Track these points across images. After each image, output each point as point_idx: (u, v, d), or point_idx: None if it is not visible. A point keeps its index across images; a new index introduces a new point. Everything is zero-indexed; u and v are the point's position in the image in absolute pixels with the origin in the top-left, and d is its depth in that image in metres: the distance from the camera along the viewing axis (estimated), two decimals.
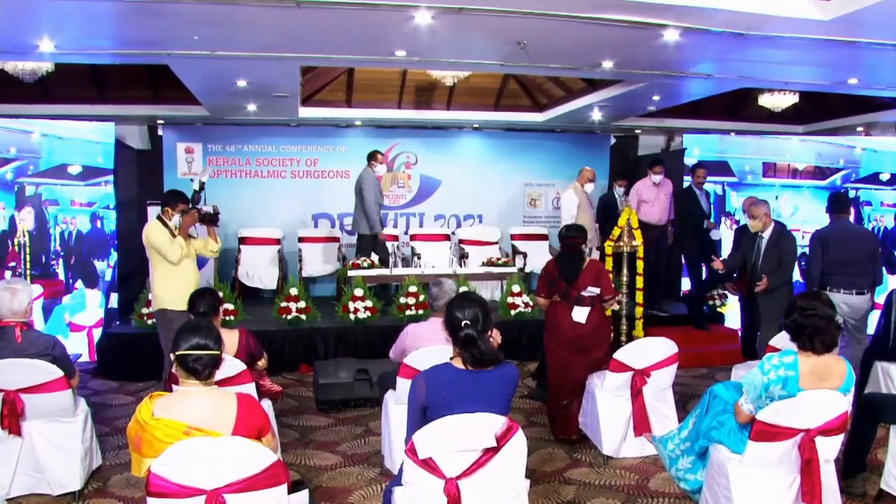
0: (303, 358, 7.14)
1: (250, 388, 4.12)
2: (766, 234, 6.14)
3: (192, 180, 5.86)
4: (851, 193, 9.54)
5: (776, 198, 10.06)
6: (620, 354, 4.76)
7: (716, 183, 8.93)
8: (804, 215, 9.20)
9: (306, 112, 8.93)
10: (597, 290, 5.20)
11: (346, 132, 10.10)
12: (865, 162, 9.53)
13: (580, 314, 5.21)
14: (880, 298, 5.68)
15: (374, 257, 8.25)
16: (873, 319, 5.82)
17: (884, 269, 6.77)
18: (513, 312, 7.71)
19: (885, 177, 9.62)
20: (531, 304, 7.75)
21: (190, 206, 5.57)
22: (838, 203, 6.15)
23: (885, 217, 9.61)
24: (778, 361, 3.37)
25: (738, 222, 8.76)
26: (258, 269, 9.08)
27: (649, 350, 4.82)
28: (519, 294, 7.81)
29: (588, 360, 5.17)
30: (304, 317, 7.27)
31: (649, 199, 8.31)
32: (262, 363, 4.59)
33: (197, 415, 2.77)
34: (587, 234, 5.57)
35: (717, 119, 9.89)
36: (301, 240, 9.56)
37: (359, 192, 8.45)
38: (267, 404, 4.48)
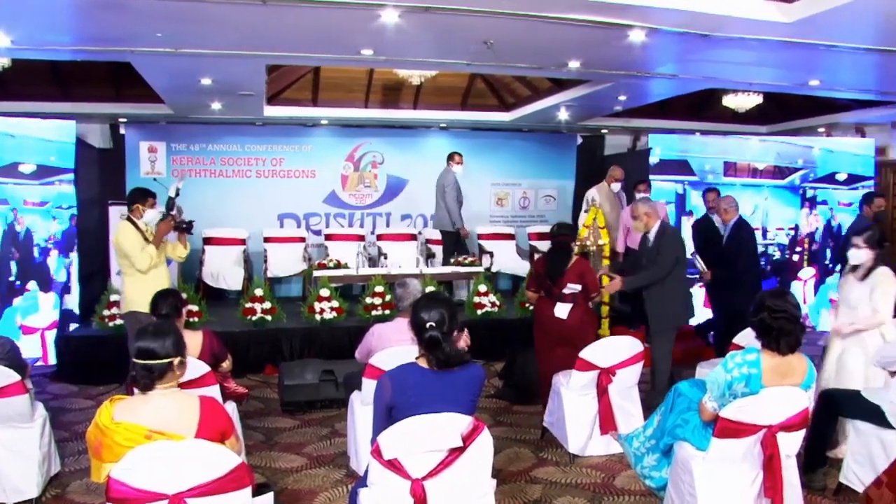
0: (268, 359, 7.06)
1: (214, 391, 4.06)
2: (726, 230, 6.24)
3: (166, 188, 5.75)
4: (809, 193, 9.68)
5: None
6: (586, 353, 4.75)
7: (676, 182, 8.99)
8: (763, 214, 9.33)
9: (272, 111, 8.87)
10: (577, 288, 5.27)
11: (311, 131, 10.05)
12: (822, 162, 9.69)
13: (562, 310, 5.29)
14: None
15: (359, 258, 8.29)
16: None
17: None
18: (479, 312, 7.70)
19: (841, 177, 9.78)
20: (498, 303, 7.76)
21: (165, 212, 5.45)
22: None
23: (841, 216, 9.78)
24: (741, 359, 3.38)
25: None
26: (223, 270, 8.97)
27: (615, 349, 4.81)
28: (485, 294, 7.79)
29: (573, 353, 5.16)
30: (269, 318, 7.20)
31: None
32: (226, 365, 4.52)
33: (158, 418, 2.72)
34: (576, 232, 5.59)
35: (682, 119, 10.04)
36: (266, 240, 9.49)
37: (441, 192, 8.68)
38: (231, 406, 4.41)
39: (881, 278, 4.54)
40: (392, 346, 4.17)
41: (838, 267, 9.25)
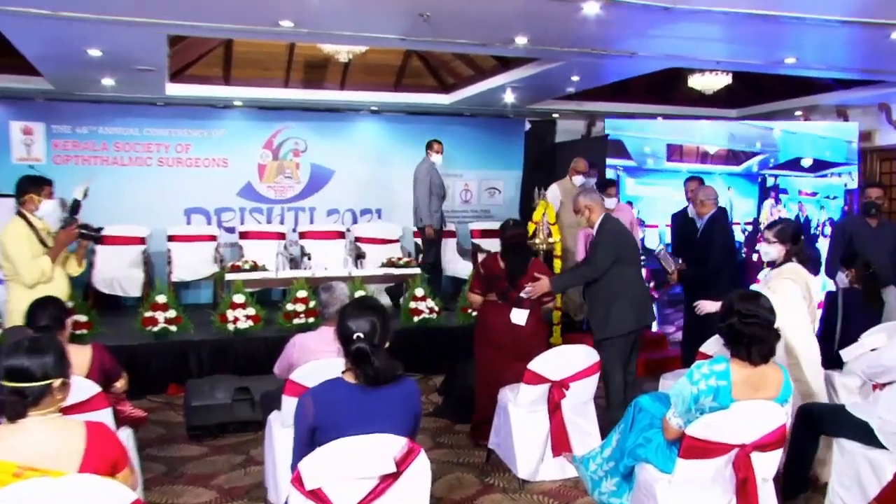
0: (172, 377, 6.95)
1: (105, 415, 3.93)
2: (701, 223, 6.34)
3: (74, 190, 5.51)
4: (769, 181, 9.57)
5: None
6: (535, 364, 4.76)
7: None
8: (728, 206, 9.34)
9: (176, 89, 8.74)
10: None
11: (223, 114, 9.97)
12: (784, 145, 9.58)
13: (519, 316, 5.31)
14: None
15: (279, 259, 8.25)
16: None
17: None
18: (416, 319, 7.70)
19: (806, 162, 9.56)
20: (437, 309, 7.74)
21: (69, 217, 5.24)
22: None
23: (805, 207, 9.61)
24: (708, 370, 3.41)
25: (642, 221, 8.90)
26: (118, 274, 8.79)
27: (568, 359, 4.83)
28: (423, 298, 7.79)
29: (524, 367, 5.22)
30: (173, 328, 7.07)
31: None
32: (120, 384, 4.40)
33: (32, 451, 2.57)
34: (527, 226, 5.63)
35: (643, 102, 10.24)
36: (171, 238, 9.37)
37: (413, 184, 8.86)
38: (126, 433, 4.29)
39: (776, 277, 4.66)
40: (316, 359, 4.16)
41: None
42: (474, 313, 5.89)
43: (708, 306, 5.14)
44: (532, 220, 7.55)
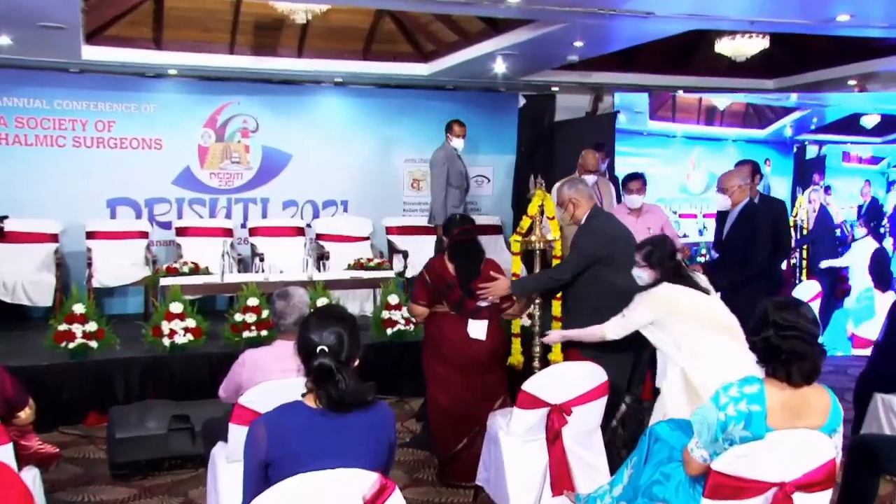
0: (92, 403, 6.85)
1: (5, 452, 3.87)
2: (734, 214, 6.34)
3: None
4: (811, 152, 9.07)
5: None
6: (532, 385, 4.69)
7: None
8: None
9: (94, 53, 8.65)
10: (495, 299, 5.41)
11: (155, 84, 9.92)
12: (835, 97, 9.24)
13: (478, 329, 5.38)
14: None
15: (225, 260, 8.21)
16: None
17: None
18: (389, 331, 7.70)
19: (870, 121, 8.96)
20: (414, 319, 7.71)
21: None
22: None
23: (870, 187, 9.00)
24: (738, 392, 3.36)
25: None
26: (23, 278, 8.66)
27: (570, 379, 4.77)
28: (397, 307, 7.80)
29: (483, 384, 5.36)
30: (94, 344, 6.96)
31: None
32: (25, 414, 4.36)
33: None
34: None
35: (659, 73, 10.25)
36: (91, 235, 9.30)
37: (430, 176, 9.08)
38: (32, 474, 4.25)
39: (636, 299, 4.82)
40: (270, 380, 4.16)
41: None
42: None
43: (555, 337, 5.39)
44: (527, 213, 7.53)
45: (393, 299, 7.85)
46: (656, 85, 10.21)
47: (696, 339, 4.59)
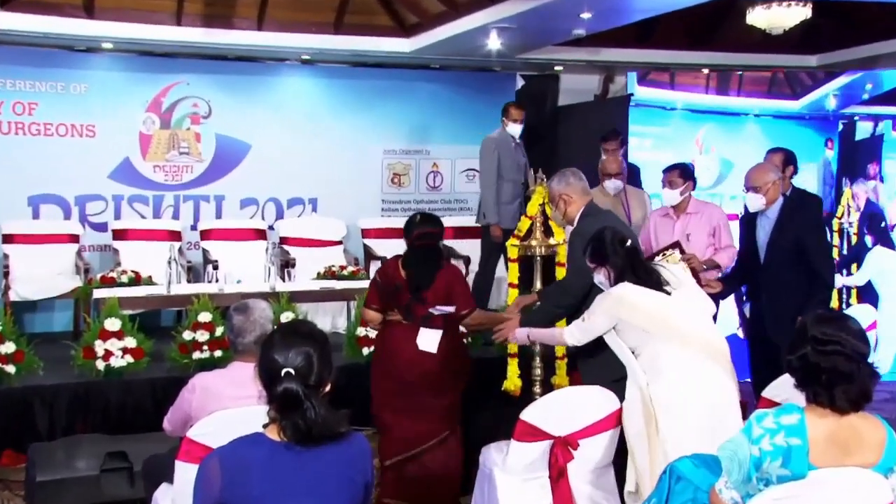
0: (8, 440, 6.78)
1: None
2: (773, 213, 6.27)
3: None
4: (862, 130, 8.69)
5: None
6: (532, 414, 4.72)
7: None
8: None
9: (10, 21, 8.55)
10: (449, 308, 5.51)
11: (86, 60, 9.83)
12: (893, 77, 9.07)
13: (429, 340, 5.50)
14: None
15: (172, 268, 8.17)
16: None
17: None
18: (366, 351, 7.63)
19: None
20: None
21: None
22: None
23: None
24: (774, 423, 3.29)
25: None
26: None
27: (576, 406, 4.83)
28: None
29: (438, 407, 5.51)
30: (11, 369, 6.86)
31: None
32: None
33: None
34: (443, 226, 5.85)
35: (680, 48, 10.29)
36: (8, 239, 9.28)
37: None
38: None
39: (594, 301, 4.97)
40: (224, 408, 4.14)
41: None
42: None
43: (519, 336, 5.54)
44: (525, 214, 7.48)
45: None
46: (677, 63, 10.23)
47: (653, 352, 4.68)
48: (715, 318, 5.68)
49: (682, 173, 7.10)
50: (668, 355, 4.64)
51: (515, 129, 8.84)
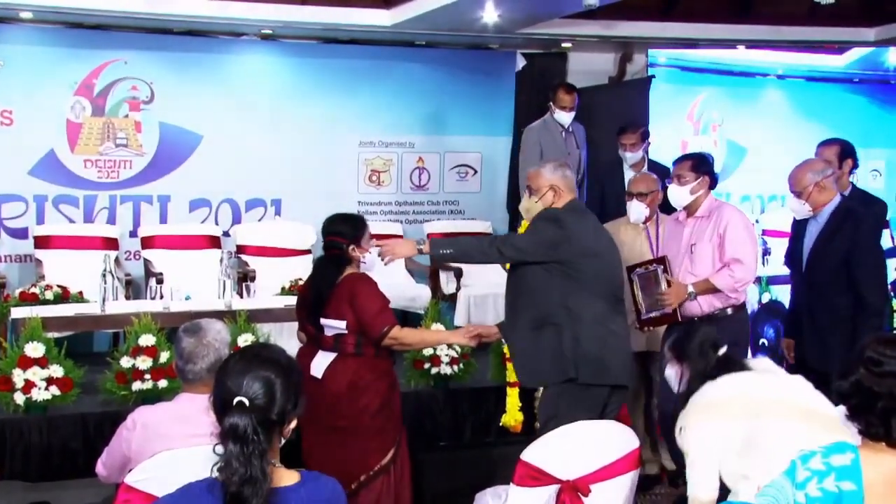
0: None
1: None
2: (822, 219, 6.24)
3: None
4: None
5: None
6: (534, 454, 4.68)
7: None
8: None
9: None
10: (340, 326, 5.60)
11: (4, 34, 9.85)
12: None
13: (318, 364, 5.62)
14: None
15: (107, 281, 8.08)
16: None
17: None
18: None
19: None
20: None
21: None
22: None
23: None
24: (822, 464, 3.25)
25: None
26: None
27: (587, 444, 4.81)
28: None
29: (349, 449, 5.54)
30: None
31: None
32: None
33: None
34: (361, 229, 5.89)
35: (711, 21, 10.34)
36: None
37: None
38: None
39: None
40: (170, 448, 4.08)
41: None
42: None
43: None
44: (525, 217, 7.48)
45: None
46: (707, 38, 10.30)
47: (774, 436, 4.45)
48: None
49: (694, 166, 6.68)
50: (788, 436, 4.40)
51: (565, 118, 8.84)
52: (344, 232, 5.75)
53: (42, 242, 9.47)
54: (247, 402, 2.93)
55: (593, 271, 5.54)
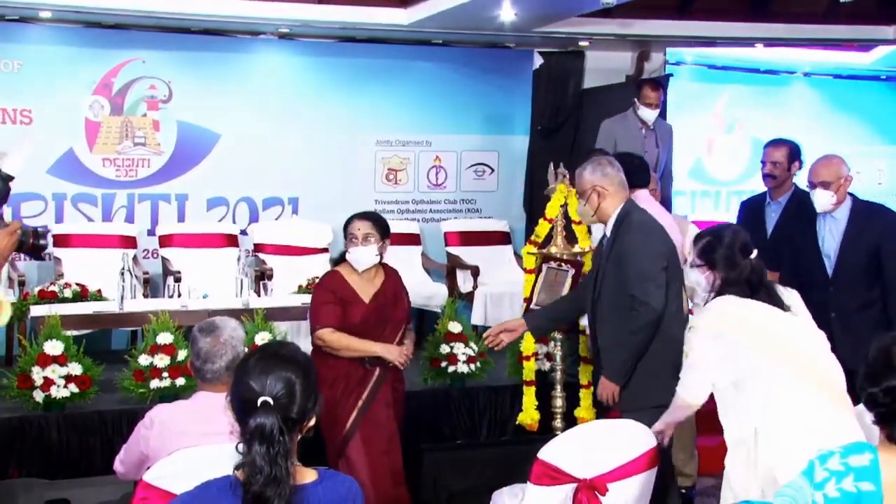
0: None
1: None
2: (841, 215, 6.22)
3: None
4: None
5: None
6: (551, 452, 4.69)
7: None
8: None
9: None
10: None
11: (21, 32, 9.81)
12: None
13: None
14: None
15: (126, 280, 8.15)
16: None
17: None
18: None
19: None
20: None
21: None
22: None
23: None
24: (841, 464, 3.24)
25: None
26: None
27: (604, 443, 4.81)
28: None
29: None
30: None
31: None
32: None
33: None
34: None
35: (729, 20, 10.31)
36: None
37: None
38: None
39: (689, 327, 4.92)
40: (188, 446, 4.09)
41: None
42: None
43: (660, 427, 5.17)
44: (544, 216, 7.46)
45: None
46: (725, 37, 10.28)
47: (769, 382, 4.50)
48: None
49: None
50: (786, 390, 4.49)
51: (648, 114, 8.69)
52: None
53: (61, 241, 9.45)
54: (271, 401, 2.94)
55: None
